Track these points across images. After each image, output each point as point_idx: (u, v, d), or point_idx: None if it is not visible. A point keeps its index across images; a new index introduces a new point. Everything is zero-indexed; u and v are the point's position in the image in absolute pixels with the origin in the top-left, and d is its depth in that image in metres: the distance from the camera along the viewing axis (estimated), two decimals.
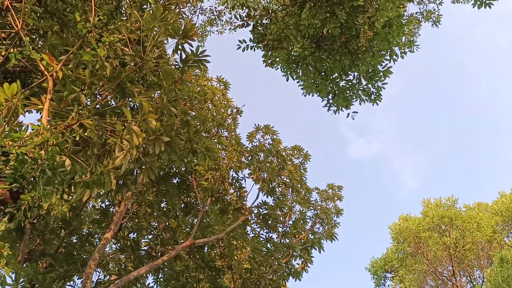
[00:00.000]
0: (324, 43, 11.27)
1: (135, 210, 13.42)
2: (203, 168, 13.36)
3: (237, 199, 14.60)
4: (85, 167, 6.31)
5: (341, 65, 11.25)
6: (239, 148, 14.89)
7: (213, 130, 15.19)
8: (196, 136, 9.85)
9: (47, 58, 6.27)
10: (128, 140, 6.54)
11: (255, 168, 14.83)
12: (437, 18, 18.22)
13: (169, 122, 8.12)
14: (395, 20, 9.98)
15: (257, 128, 16.34)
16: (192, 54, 8.25)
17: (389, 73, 11.04)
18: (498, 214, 29.29)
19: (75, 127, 6.18)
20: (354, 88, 11.47)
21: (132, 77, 7.75)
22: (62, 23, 9.02)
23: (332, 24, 9.17)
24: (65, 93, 6.65)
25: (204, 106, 15.19)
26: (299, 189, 16.38)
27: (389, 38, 10.18)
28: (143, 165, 8.03)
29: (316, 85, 11.84)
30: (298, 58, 11.78)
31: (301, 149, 16.96)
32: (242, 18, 10.92)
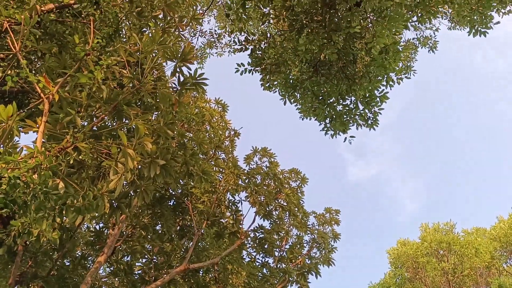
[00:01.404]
0: (322, 68, 11.34)
1: (130, 233, 13.26)
2: (199, 190, 13.26)
3: (233, 223, 14.46)
4: (79, 191, 6.24)
5: (338, 89, 11.30)
6: (236, 170, 14.82)
7: (211, 152, 15.14)
8: (193, 158, 9.81)
9: (44, 80, 6.27)
10: (123, 163, 6.49)
11: (252, 191, 14.74)
12: (433, 44, 18.46)
13: (165, 145, 8.09)
14: (392, 47, 10.08)
15: (255, 150, 16.30)
16: (190, 77, 8.29)
17: (385, 99, 11.09)
18: (496, 240, 29.10)
19: (70, 150, 6.14)
20: (351, 112, 11.50)
21: (129, 100, 7.75)
22: (61, 45, 9.06)
23: (329, 50, 9.24)
24: (61, 116, 6.63)
25: (202, 128, 15.18)
26: (296, 212, 16.24)
27: (385, 64, 10.26)
28: (138, 188, 7.96)
29: (313, 109, 11.86)
30: (296, 82, 11.84)
31: (298, 172, 16.89)
32: (240, 42, 11.01)
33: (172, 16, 9.87)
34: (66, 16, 9.19)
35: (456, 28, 17.91)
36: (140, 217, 13.05)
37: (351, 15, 9.01)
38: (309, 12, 9.71)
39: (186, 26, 10.37)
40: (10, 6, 8.05)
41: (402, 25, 9.24)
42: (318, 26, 9.40)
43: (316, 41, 9.13)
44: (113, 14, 8.28)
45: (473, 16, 10.62)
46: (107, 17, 8.38)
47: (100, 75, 6.60)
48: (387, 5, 8.70)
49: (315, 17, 9.63)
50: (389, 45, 9.99)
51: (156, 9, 9.87)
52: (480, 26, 10.72)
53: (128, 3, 9.28)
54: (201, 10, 19.62)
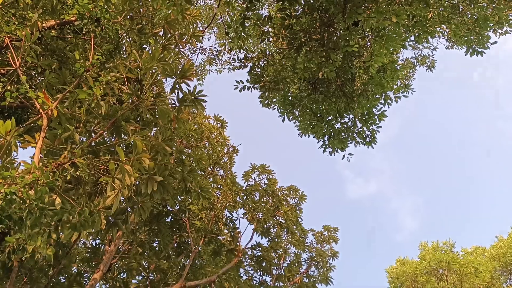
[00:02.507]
0: (320, 86, 11.41)
1: (126, 250, 13.15)
2: (197, 207, 13.21)
3: (230, 240, 14.37)
4: (75, 207, 6.22)
5: (336, 107, 11.34)
6: (234, 187, 14.78)
7: (209, 168, 15.13)
8: (191, 175, 9.79)
9: (43, 96, 6.30)
10: (120, 179, 6.48)
11: (250, 208, 14.68)
12: (431, 63, 18.61)
13: (163, 161, 8.08)
14: (389, 66, 10.16)
15: (253, 167, 16.30)
16: (189, 94, 8.32)
17: (383, 117, 11.13)
18: (496, 259, 28.87)
19: (67, 166, 6.13)
20: (349, 130, 11.52)
21: (128, 116, 7.78)
22: (61, 61, 9.13)
23: (328, 68, 9.31)
24: (59, 131, 6.64)
25: (201, 144, 15.20)
26: (294, 230, 16.16)
27: (383, 82, 10.32)
28: (135, 205, 7.93)
29: (312, 127, 11.89)
30: (294, 100, 11.89)
31: (297, 189, 16.86)
32: (240, 60, 11.09)
33: (172, 34, 9.97)
34: (67, 32, 9.28)
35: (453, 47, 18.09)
36: (137, 233, 12.96)
37: (349, 34, 9.10)
38: (307, 31, 9.80)
39: (186, 43, 10.46)
40: (12, 22, 8.14)
41: (399, 44, 9.33)
42: (317, 45, 9.48)
43: (315, 59, 9.20)
44: (114, 31, 8.36)
45: (470, 36, 10.73)
46: (107, 34, 8.47)
47: (99, 91, 6.64)
48: (384, 24, 8.79)
49: (314, 36, 9.72)
50: (387, 64, 10.07)
51: (157, 26, 9.99)
52: (477, 46, 10.82)
53: (129, 20, 9.39)
54: (201, 27, 19.85)
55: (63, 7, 8.98)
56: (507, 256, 27.95)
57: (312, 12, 9.58)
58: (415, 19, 9.89)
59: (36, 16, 7.44)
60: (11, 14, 8.42)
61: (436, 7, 10.10)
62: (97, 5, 8.33)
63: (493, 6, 10.65)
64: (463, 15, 10.62)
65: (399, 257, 32.50)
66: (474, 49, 10.76)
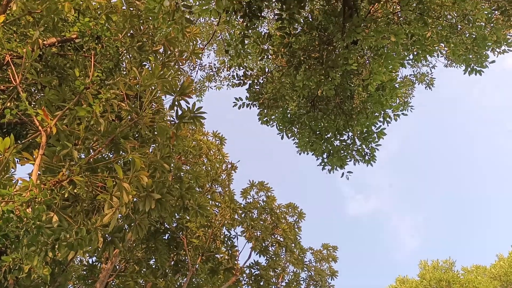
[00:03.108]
0: (319, 103, 11.43)
1: (123, 268, 13.00)
2: (194, 225, 13.10)
3: (228, 258, 14.22)
4: (72, 225, 6.15)
5: (335, 125, 11.34)
6: (233, 205, 14.70)
7: (207, 185, 15.06)
8: (189, 192, 9.74)
9: (42, 113, 6.29)
10: (118, 197, 6.43)
11: (248, 226, 14.58)
12: (430, 81, 18.68)
13: (162, 178, 8.04)
14: (388, 84, 10.19)
15: (252, 184, 16.24)
16: (188, 111, 8.32)
17: (382, 135, 11.12)
18: (496, 279, 28.60)
19: (65, 184, 6.09)
20: (348, 148, 11.50)
21: (127, 133, 7.76)
22: (61, 77, 9.16)
23: (327, 86, 9.34)
24: (58, 148, 6.61)
25: (199, 161, 15.15)
26: (293, 248, 16.03)
27: (382, 100, 10.34)
28: (133, 222, 7.86)
29: (310, 144, 11.86)
30: (293, 117, 11.89)
31: (295, 207, 16.77)
32: (239, 77, 11.12)
33: (172, 51, 10.03)
34: (67, 49, 9.33)
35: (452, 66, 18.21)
36: (134, 251, 12.83)
37: (348, 53, 9.15)
38: (306, 49, 9.86)
39: (186, 60, 10.52)
40: (13, 39, 8.18)
41: (398, 63, 9.38)
42: (316, 63, 9.53)
43: (314, 77, 9.23)
44: (114, 49, 8.40)
45: (469, 55, 10.79)
46: (108, 51, 8.51)
47: (98, 108, 6.64)
48: (383, 43, 8.85)
49: (313, 54, 9.78)
50: (386, 82, 10.10)
51: (157, 44, 10.05)
52: (475, 65, 10.88)
53: (130, 38, 9.45)
54: (201, 44, 19.98)
55: (64, 24, 9.05)
56: (507, 275, 27.70)
57: (311, 30, 9.65)
58: (414, 38, 9.96)
59: (37, 34, 7.48)
60: (12, 31, 8.48)
61: (434, 26, 10.18)
62: (98, 23, 8.39)
63: (491, 25, 10.75)
64: (462, 34, 10.71)
65: (399, 276, 32.19)
66: (473, 68, 10.82)
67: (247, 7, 8.49)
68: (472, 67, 10.81)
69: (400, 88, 11.88)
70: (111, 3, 8.92)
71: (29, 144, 9.07)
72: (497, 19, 11.04)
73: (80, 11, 9.09)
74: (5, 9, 7.22)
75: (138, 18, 9.20)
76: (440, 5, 9.86)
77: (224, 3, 5.43)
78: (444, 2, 9.84)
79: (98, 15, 8.95)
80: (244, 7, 8.36)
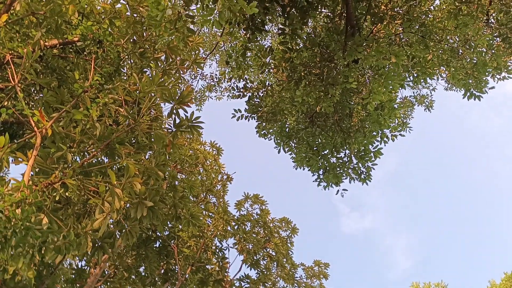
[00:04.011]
0: (318, 119, 11.45)
1: (112, 273, 12.87)
2: (186, 234, 13.01)
3: (219, 270, 14.09)
4: (62, 228, 6.09)
5: (333, 142, 11.36)
6: (226, 216, 14.62)
7: (202, 195, 15.00)
8: (182, 201, 9.67)
9: (39, 114, 6.27)
10: (110, 202, 6.38)
11: (241, 239, 14.48)
12: (430, 103, 18.75)
13: (155, 186, 7.99)
14: (387, 104, 10.23)
15: (246, 196, 16.18)
16: (186, 119, 8.29)
17: (379, 154, 11.13)
18: None
19: (57, 186, 6.04)
20: (344, 166, 11.50)
21: (123, 138, 7.74)
22: (61, 79, 9.15)
23: (326, 103, 9.37)
24: (52, 150, 6.58)
25: (195, 170, 15.11)
26: (284, 263, 15.90)
27: (380, 120, 10.37)
28: (123, 229, 7.78)
29: (307, 160, 11.86)
30: (291, 132, 11.91)
31: (289, 221, 16.70)
32: (239, 89, 11.16)
33: (174, 59, 10.05)
34: (68, 52, 9.34)
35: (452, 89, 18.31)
36: (124, 257, 12.71)
37: (349, 71, 9.19)
38: (307, 65, 9.91)
39: (187, 69, 10.54)
40: (15, 39, 8.19)
41: (398, 83, 9.42)
42: (316, 79, 9.57)
43: (313, 93, 9.26)
44: (115, 54, 8.41)
45: (468, 79, 10.86)
46: (109, 56, 8.53)
47: (95, 113, 6.62)
48: (384, 63, 8.90)
49: (313, 70, 9.82)
50: (385, 102, 10.14)
51: (159, 51, 10.07)
52: (475, 90, 10.94)
53: (132, 44, 9.47)
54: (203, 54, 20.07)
55: (67, 27, 9.07)
56: None
57: (313, 47, 9.71)
58: (415, 60, 10.03)
59: (39, 35, 7.50)
60: (15, 31, 8.49)
61: (435, 50, 10.26)
62: (101, 27, 8.42)
63: (492, 52, 10.83)
64: (462, 59, 10.78)
65: None
66: (472, 92, 10.88)
67: (250, 20, 8.55)
68: (471, 92, 10.86)
69: (399, 108, 11.93)
70: (115, 9, 8.96)
71: (25, 144, 9.03)
72: (498, 46, 11.13)
73: (84, 15, 9.13)
74: (9, 9, 7.25)
75: (141, 24, 9.23)
76: (442, 29, 9.94)
77: (226, 14, 5.46)
78: (446, 26, 9.92)
79: (102, 19, 8.99)
80: (247, 20, 8.41)
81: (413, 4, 9.70)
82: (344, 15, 9.23)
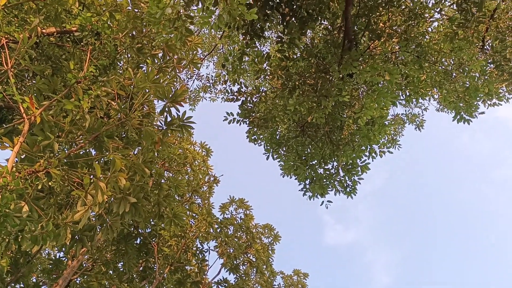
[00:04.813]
0: (309, 129, 11.51)
1: (90, 267, 12.75)
2: (168, 233, 12.94)
3: (197, 272, 14.03)
4: (42, 217, 6.04)
5: (321, 153, 11.41)
6: (209, 218, 14.58)
7: (187, 195, 14.95)
8: (166, 200, 9.63)
9: (29, 101, 6.23)
10: (93, 195, 6.34)
11: (222, 242, 14.45)
12: (420, 122, 18.91)
13: (140, 182, 7.96)
14: (378, 120, 10.32)
15: (231, 200, 16.16)
16: (177, 118, 8.29)
17: (366, 169, 11.20)
18: None
19: (41, 175, 5.99)
20: (331, 177, 11.55)
21: (112, 132, 7.71)
22: (55, 68, 9.10)
23: (318, 113, 9.42)
24: (39, 139, 6.53)
25: (182, 170, 15.07)
26: (264, 270, 15.88)
27: (370, 135, 10.46)
28: (104, 223, 7.73)
29: (295, 168, 11.90)
30: (282, 139, 11.95)
31: (272, 228, 16.70)
32: (233, 92, 11.18)
33: (171, 57, 10.04)
34: (66, 41, 9.30)
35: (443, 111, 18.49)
36: (103, 251, 12.60)
37: (343, 84, 9.27)
38: (302, 75, 9.97)
39: (183, 68, 10.53)
40: (13, 23, 8.15)
41: (390, 101, 9.51)
42: (310, 90, 9.63)
43: (306, 103, 9.32)
44: (112, 47, 8.40)
45: (459, 103, 11.00)
46: (106, 48, 8.51)
47: (86, 104, 6.59)
48: (378, 80, 8.99)
49: (308, 80, 9.88)
50: (376, 118, 10.23)
51: (156, 48, 10.06)
52: (465, 113, 11.09)
53: (130, 38, 9.46)
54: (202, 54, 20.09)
55: (67, 15, 9.04)
56: None
57: (310, 57, 9.78)
58: (408, 79, 10.13)
59: (37, 21, 7.45)
60: (13, 15, 8.44)
61: (430, 71, 10.38)
62: (101, 19, 8.40)
63: (485, 77, 10.99)
64: (455, 82, 10.92)
65: None
66: (462, 116, 11.01)
67: (250, 25, 8.59)
68: (461, 115, 11.00)
69: (390, 125, 12.03)
70: (117, 2, 8.95)
71: (13, 130, 8.96)
72: (491, 72, 11.30)
73: (85, 5, 9.11)
74: None
75: (141, 20, 9.23)
76: (438, 51, 10.07)
77: (226, 18, 5.49)
78: (442, 48, 10.05)
79: (103, 11, 8.97)
80: (247, 25, 8.45)
81: (411, 24, 9.82)
82: (343, 29, 9.32)
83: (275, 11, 8.80)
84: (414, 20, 9.76)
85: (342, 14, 9.35)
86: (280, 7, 8.74)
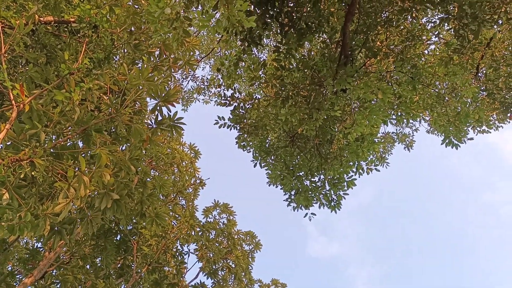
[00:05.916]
0: (298, 140, 11.54)
1: (67, 260, 12.59)
2: (149, 233, 12.84)
3: (175, 274, 13.92)
4: (22, 206, 5.96)
5: (309, 165, 11.44)
6: (192, 221, 14.51)
7: (172, 195, 14.88)
8: (150, 199, 9.57)
9: (19, 88, 6.16)
10: (76, 188, 6.28)
11: (203, 245, 14.37)
12: (410, 142, 19.06)
13: (125, 179, 7.89)
14: (368, 137, 10.39)
15: (216, 204, 16.11)
16: (168, 118, 8.26)
17: (352, 185, 11.24)
18: None
19: (24, 164, 5.92)
20: (317, 190, 11.57)
21: (101, 126, 7.65)
22: (50, 57, 9.04)
23: (308, 126, 9.46)
24: (27, 127, 6.46)
25: (169, 169, 15.00)
26: (242, 277, 15.80)
27: (358, 151, 10.51)
28: (85, 217, 7.65)
29: (281, 178, 11.91)
30: (271, 148, 11.96)
31: (254, 236, 16.66)
32: (226, 97, 11.18)
33: (167, 56, 10.02)
34: (63, 31, 9.25)
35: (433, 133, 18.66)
36: (82, 245, 12.46)
37: (336, 99, 9.32)
38: (297, 86, 10.01)
39: (179, 68, 10.51)
40: (12, 8, 8.08)
41: (381, 119, 9.58)
42: (303, 101, 9.67)
43: (297, 114, 9.35)
44: (108, 41, 8.36)
45: (449, 127, 11.12)
46: (102, 42, 8.47)
47: (77, 96, 6.54)
48: (371, 97, 9.05)
49: (302, 91, 9.92)
50: (366, 134, 10.29)
51: (153, 46, 10.04)
52: (454, 138, 11.20)
53: (128, 34, 9.43)
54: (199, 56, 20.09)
55: (67, 5, 8.99)
56: None
57: (305, 69, 9.82)
58: (401, 99, 10.22)
59: (35, 9, 7.40)
60: (12, 0, 8.37)
61: (422, 93, 10.49)
62: (100, 13, 8.37)
63: (476, 104, 11.13)
64: (447, 106, 11.05)
65: None
66: (451, 140, 11.12)
67: (248, 32, 8.61)
68: (450, 139, 11.11)
69: (379, 143, 12.10)
70: None
71: (1, 116, 8.85)
72: (483, 99, 11.45)
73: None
74: None
75: (141, 16, 9.21)
76: (432, 74, 10.18)
77: (224, 23, 5.49)
78: (437, 72, 10.17)
79: (103, 4, 8.93)
80: (245, 31, 8.47)
81: (408, 45, 9.92)
82: (340, 44, 9.38)
83: (275, 20, 8.84)
84: (412, 41, 9.87)
85: (341, 30, 9.42)
86: (280, 17, 8.78)
